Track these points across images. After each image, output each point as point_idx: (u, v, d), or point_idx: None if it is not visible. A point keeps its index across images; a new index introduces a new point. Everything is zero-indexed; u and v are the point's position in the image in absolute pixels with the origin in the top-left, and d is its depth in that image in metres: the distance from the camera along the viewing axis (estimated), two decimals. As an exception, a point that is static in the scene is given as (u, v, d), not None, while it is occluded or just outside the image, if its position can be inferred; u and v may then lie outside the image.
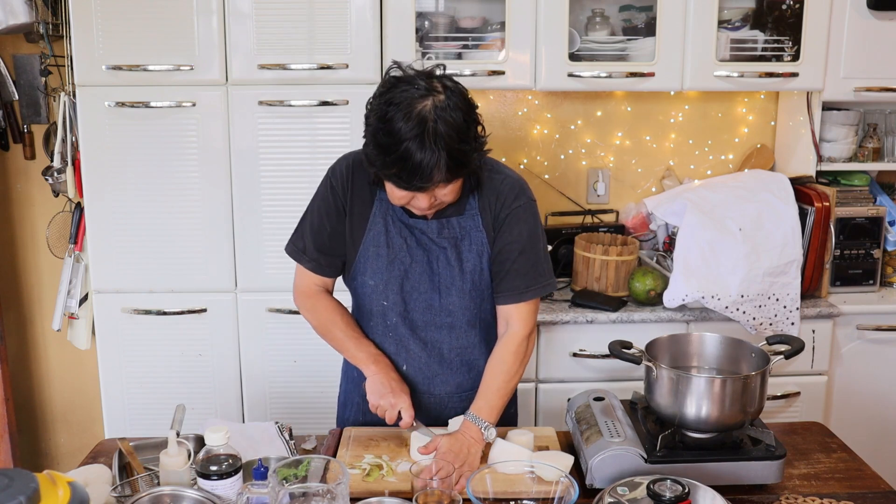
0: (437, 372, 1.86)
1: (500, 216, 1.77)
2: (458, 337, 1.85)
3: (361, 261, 1.81)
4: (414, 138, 1.52)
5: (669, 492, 1.35)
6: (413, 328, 1.83)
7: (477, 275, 1.80)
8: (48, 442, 3.30)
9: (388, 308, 1.82)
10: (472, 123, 1.61)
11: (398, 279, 1.79)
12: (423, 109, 1.53)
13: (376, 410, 1.78)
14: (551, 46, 2.67)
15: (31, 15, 2.69)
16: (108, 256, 2.67)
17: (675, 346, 1.77)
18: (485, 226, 1.78)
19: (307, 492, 1.39)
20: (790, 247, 2.64)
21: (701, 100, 3.12)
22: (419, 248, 1.79)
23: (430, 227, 1.78)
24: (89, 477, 1.56)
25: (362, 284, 1.83)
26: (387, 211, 1.79)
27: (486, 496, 1.48)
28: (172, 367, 2.73)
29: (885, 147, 2.99)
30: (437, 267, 1.79)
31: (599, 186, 3.14)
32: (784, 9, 2.77)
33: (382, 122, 1.56)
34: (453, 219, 1.77)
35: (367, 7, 2.54)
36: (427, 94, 1.56)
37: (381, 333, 1.86)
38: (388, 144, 1.55)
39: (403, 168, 1.55)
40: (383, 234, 1.78)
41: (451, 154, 1.54)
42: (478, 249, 1.78)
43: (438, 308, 1.81)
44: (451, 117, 1.54)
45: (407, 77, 1.60)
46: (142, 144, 2.60)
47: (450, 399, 1.89)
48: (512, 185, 1.79)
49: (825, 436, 1.88)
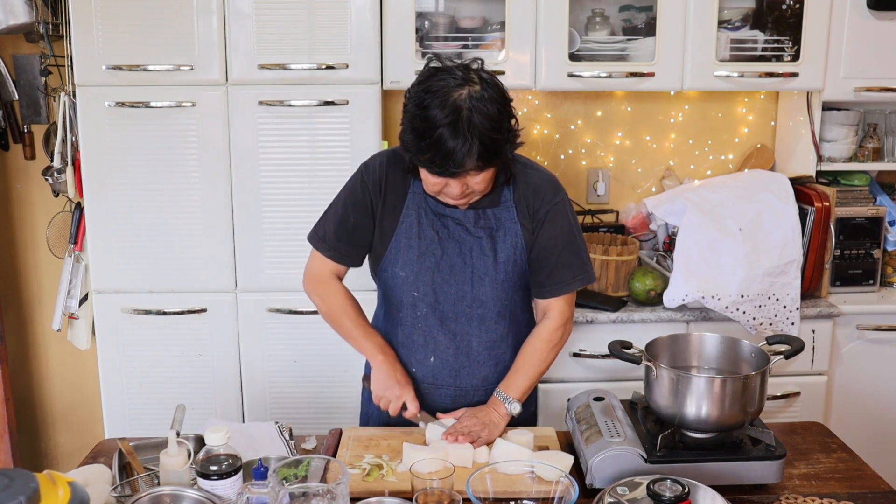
0: (465, 364, 1.88)
1: (539, 211, 1.82)
2: (488, 329, 1.87)
3: (393, 252, 1.83)
4: (448, 125, 1.57)
5: (669, 492, 1.35)
6: (443, 319, 1.85)
7: (511, 265, 1.83)
8: (48, 442, 3.30)
9: (418, 299, 1.84)
10: (507, 116, 1.66)
11: (429, 270, 1.82)
12: (458, 98, 1.59)
13: (379, 402, 1.80)
14: (551, 46, 2.67)
15: (31, 15, 2.69)
16: (108, 256, 2.67)
17: (674, 346, 1.77)
18: (520, 218, 1.82)
19: (307, 492, 1.38)
20: (790, 247, 2.64)
21: (701, 100, 3.12)
22: (451, 240, 1.82)
23: (466, 217, 1.81)
24: (89, 477, 1.56)
25: (393, 276, 1.84)
26: (420, 203, 1.82)
27: (486, 496, 1.48)
28: (172, 367, 2.73)
29: (885, 147, 2.99)
30: (472, 257, 1.82)
31: (599, 186, 3.14)
32: (784, 9, 2.77)
33: (419, 108, 1.61)
34: (489, 210, 1.82)
35: (367, 7, 2.54)
36: (464, 84, 1.61)
37: (411, 325, 1.87)
38: (424, 130, 1.60)
39: (437, 153, 1.60)
40: (415, 226, 1.81)
41: (484, 142, 1.59)
42: (512, 241, 1.82)
43: (470, 299, 1.83)
44: (485, 107, 1.60)
45: (445, 67, 1.65)
46: (142, 144, 2.60)
47: (475, 392, 1.90)
48: (549, 181, 1.86)
49: (825, 436, 1.88)
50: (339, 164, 2.61)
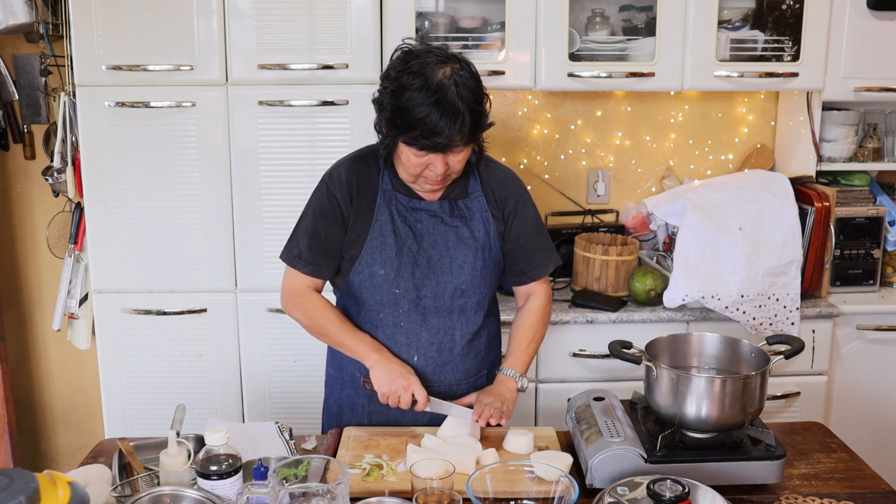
0: (448, 359, 1.89)
1: (508, 202, 1.90)
2: (469, 321, 1.90)
3: (368, 252, 1.83)
4: (436, 101, 1.63)
5: (669, 492, 1.35)
6: (425, 315, 1.86)
7: (487, 252, 1.87)
8: (48, 442, 3.30)
9: (399, 296, 1.84)
10: (484, 95, 1.73)
11: (409, 265, 1.83)
12: (442, 75, 1.65)
13: (388, 399, 1.80)
14: (551, 46, 2.67)
15: (31, 15, 2.69)
16: (108, 256, 2.67)
17: (675, 346, 1.77)
18: (490, 207, 1.88)
19: (307, 492, 1.39)
20: (790, 247, 2.64)
21: (701, 100, 3.12)
22: (427, 234, 1.84)
23: (442, 208, 1.85)
24: (89, 477, 1.56)
25: (371, 276, 1.84)
26: (391, 201, 1.84)
27: (486, 496, 1.48)
28: (172, 367, 2.73)
29: (885, 147, 2.99)
30: (449, 248, 1.85)
31: (599, 186, 3.14)
32: (784, 9, 2.77)
33: (402, 87, 1.66)
34: (460, 201, 1.87)
35: (367, 7, 2.54)
36: (445, 61, 1.67)
37: (392, 325, 1.87)
38: (412, 107, 1.64)
39: (426, 128, 1.64)
40: (389, 224, 1.83)
41: (472, 114, 1.66)
42: (486, 228, 1.87)
43: (452, 290, 1.85)
44: (467, 82, 1.67)
45: (418, 50, 1.70)
46: (142, 144, 2.60)
47: (458, 385, 1.92)
48: (509, 173, 1.95)
49: (825, 436, 1.88)
50: (339, 164, 2.61)
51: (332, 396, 2.05)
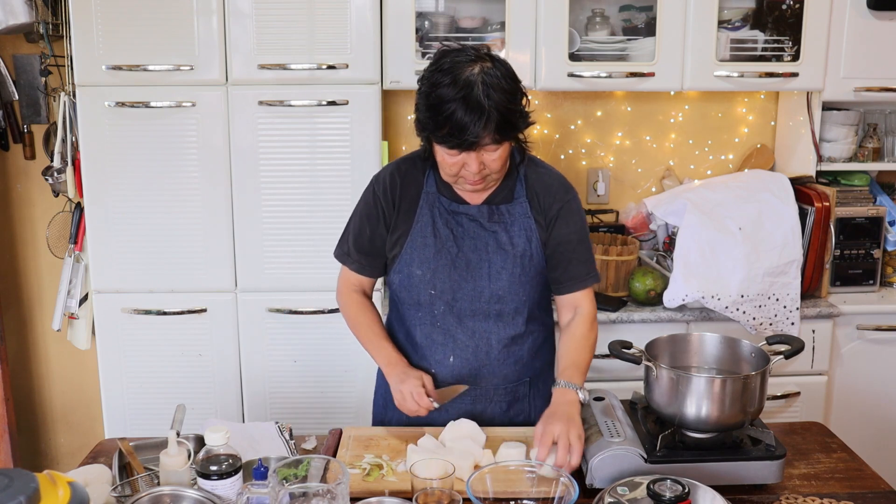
0: (485, 363, 1.88)
1: (552, 208, 1.85)
2: (506, 326, 1.87)
3: (408, 251, 1.84)
4: (462, 98, 1.62)
5: (669, 492, 1.35)
6: (461, 317, 1.85)
7: (527, 259, 1.84)
8: (48, 442, 3.30)
9: (435, 297, 1.85)
10: (519, 92, 1.70)
11: (446, 267, 1.83)
12: (471, 72, 1.64)
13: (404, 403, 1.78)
14: (551, 46, 2.67)
15: (31, 15, 2.69)
16: (108, 256, 2.67)
17: (674, 346, 1.77)
18: (533, 213, 1.84)
19: (307, 492, 1.39)
20: (790, 247, 2.64)
21: (701, 100, 3.12)
22: (467, 237, 1.83)
23: (480, 213, 1.84)
24: (89, 477, 1.56)
25: (409, 275, 1.85)
26: (434, 203, 1.85)
27: (486, 496, 1.48)
28: (172, 367, 2.73)
29: (885, 147, 2.99)
30: (488, 252, 1.83)
31: (599, 186, 3.14)
32: (784, 9, 2.77)
33: (433, 86, 1.66)
34: (502, 206, 1.84)
35: (367, 7, 2.54)
36: (476, 60, 1.67)
37: (429, 324, 1.88)
38: (439, 104, 1.64)
39: (454, 125, 1.63)
40: (430, 225, 1.84)
41: (500, 112, 1.64)
42: (527, 234, 1.84)
43: (488, 295, 1.84)
44: (498, 81, 1.65)
45: (456, 49, 1.71)
46: (142, 144, 2.60)
47: (496, 392, 1.90)
48: (559, 178, 1.90)
49: (825, 436, 1.88)
50: (339, 164, 2.61)
51: (379, 390, 2.05)
